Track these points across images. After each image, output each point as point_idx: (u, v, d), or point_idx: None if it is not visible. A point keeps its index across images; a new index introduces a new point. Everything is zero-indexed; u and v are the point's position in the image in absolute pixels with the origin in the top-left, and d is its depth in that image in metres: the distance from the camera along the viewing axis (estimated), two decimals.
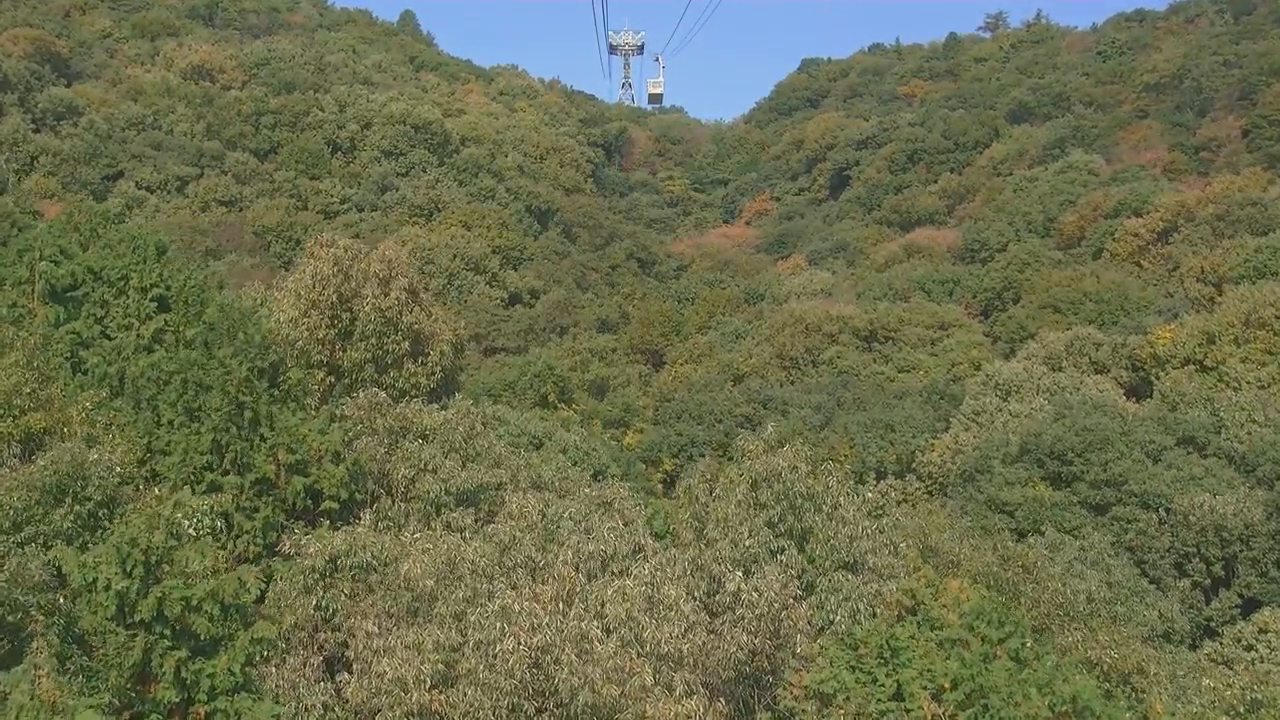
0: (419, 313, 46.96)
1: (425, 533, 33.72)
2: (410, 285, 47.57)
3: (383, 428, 36.69)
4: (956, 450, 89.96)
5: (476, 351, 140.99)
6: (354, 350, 45.70)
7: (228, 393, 34.04)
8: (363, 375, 45.66)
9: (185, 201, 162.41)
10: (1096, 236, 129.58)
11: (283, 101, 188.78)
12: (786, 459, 34.51)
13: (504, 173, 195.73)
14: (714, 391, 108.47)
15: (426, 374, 46.49)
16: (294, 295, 45.90)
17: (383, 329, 45.59)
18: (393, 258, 47.78)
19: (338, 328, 46.28)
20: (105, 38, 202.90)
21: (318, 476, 34.04)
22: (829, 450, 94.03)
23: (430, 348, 47.27)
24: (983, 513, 76.31)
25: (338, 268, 46.33)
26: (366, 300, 45.65)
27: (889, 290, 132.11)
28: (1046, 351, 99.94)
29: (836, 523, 33.39)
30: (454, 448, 36.92)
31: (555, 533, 33.27)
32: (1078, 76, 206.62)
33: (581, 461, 57.31)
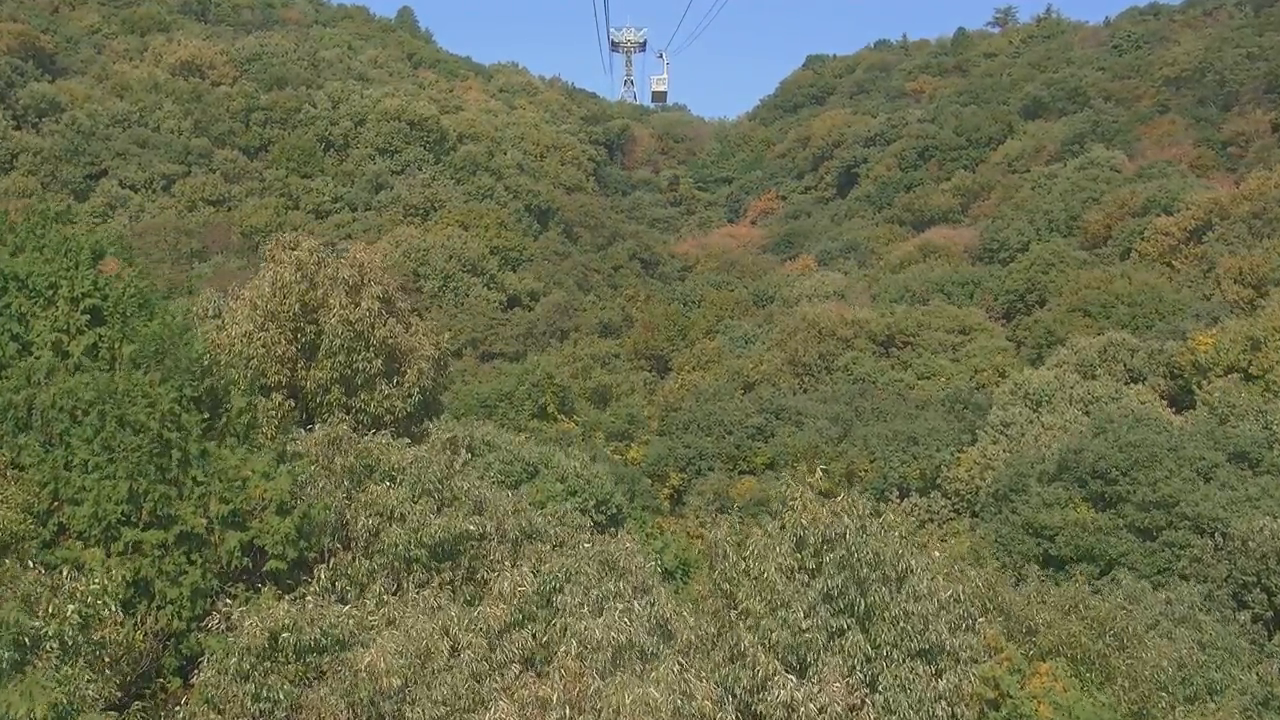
0: (394, 325, 40.73)
1: (393, 601, 27.62)
2: (385, 293, 41.38)
3: (341, 467, 30.50)
4: (985, 465, 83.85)
5: (473, 357, 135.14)
6: (319, 369, 39.53)
7: (149, 428, 27.92)
8: (329, 398, 39.50)
9: (171, 201, 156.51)
10: (1124, 236, 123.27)
11: (274, 98, 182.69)
12: (850, 514, 27.98)
13: (503, 171, 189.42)
14: (723, 401, 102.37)
15: (402, 396, 40.30)
16: (249, 305, 39.71)
17: (352, 344, 39.37)
18: (365, 261, 41.60)
19: (300, 343, 40.13)
20: (94, 33, 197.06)
21: (258, 530, 27.92)
22: (848, 465, 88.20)
23: (407, 365, 41.02)
24: (1020, 537, 70.24)
25: (301, 273, 40.19)
26: (333, 311, 39.44)
27: (906, 292, 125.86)
28: (1078, 358, 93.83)
29: (907, 596, 26.85)
30: (427, 490, 30.75)
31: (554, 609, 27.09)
32: (1092, 71, 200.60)
33: (582, 491, 51.27)
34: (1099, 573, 67.34)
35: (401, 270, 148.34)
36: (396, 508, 29.35)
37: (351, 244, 44.47)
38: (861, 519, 27.53)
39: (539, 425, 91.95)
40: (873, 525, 27.66)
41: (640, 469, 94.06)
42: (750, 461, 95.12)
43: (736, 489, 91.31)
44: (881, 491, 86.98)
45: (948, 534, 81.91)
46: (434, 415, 44.06)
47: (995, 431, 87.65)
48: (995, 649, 28.32)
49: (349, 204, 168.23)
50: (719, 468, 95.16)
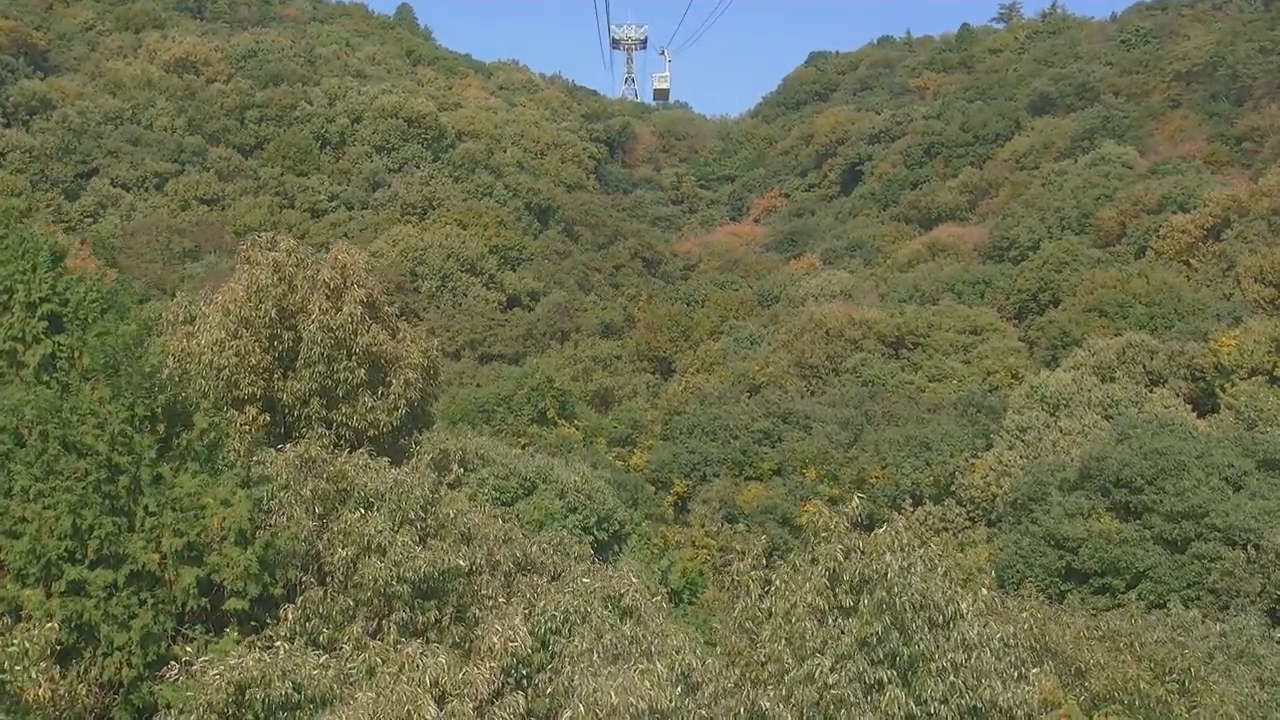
0: (378, 332, 37.57)
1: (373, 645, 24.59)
2: (369, 297, 38.16)
3: (313, 493, 27.41)
4: (1002, 472, 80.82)
5: (472, 358, 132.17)
6: (297, 380, 36.38)
7: (97, 452, 24.85)
8: (308, 411, 36.31)
9: (164, 200, 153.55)
10: (1139, 234, 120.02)
11: (269, 95, 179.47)
12: (894, 549, 24.56)
13: (502, 169, 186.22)
14: (728, 404, 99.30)
15: (388, 408, 37.06)
16: (221, 311, 36.57)
17: (332, 353, 36.22)
18: (347, 263, 38.38)
19: (277, 351, 36.97)
20: (88, 30, 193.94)
21: (216, 565, 24.82)
22: (859, 471, 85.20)
23: (393, 375, 37.86)
24: (1041, 549, 67.29)
25: (279, 275, 37.02)
26: (312, 317, 36.30)
27: (915, 292, 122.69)
28: (1096, 360, 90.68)
29: (957, 644, 23.37)
30: (409, 518, 27.66)
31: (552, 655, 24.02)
32: (1101, 66, 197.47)
33: (582, 507, 48.20)
34: (1125, 586, 64.42)
35: (399, 270, 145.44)
36: (376, 538, 26.23)
37: (334, 244, 40.87)
38: (905, 553, 24.17)
39: (539, 431, 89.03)
40: (917, 559, 24.19)
41: (643, 475, 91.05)
42: (757, 467, 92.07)
43: (743, 496, 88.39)
44: (893, 499, 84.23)
45: (963, 543, 79.02)
46: (423, 428, 40.97)
47: (1011, 436, 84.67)
48: (1052, 704, 25.22)
49: (345, 203, 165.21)
50: (724, 474, 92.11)
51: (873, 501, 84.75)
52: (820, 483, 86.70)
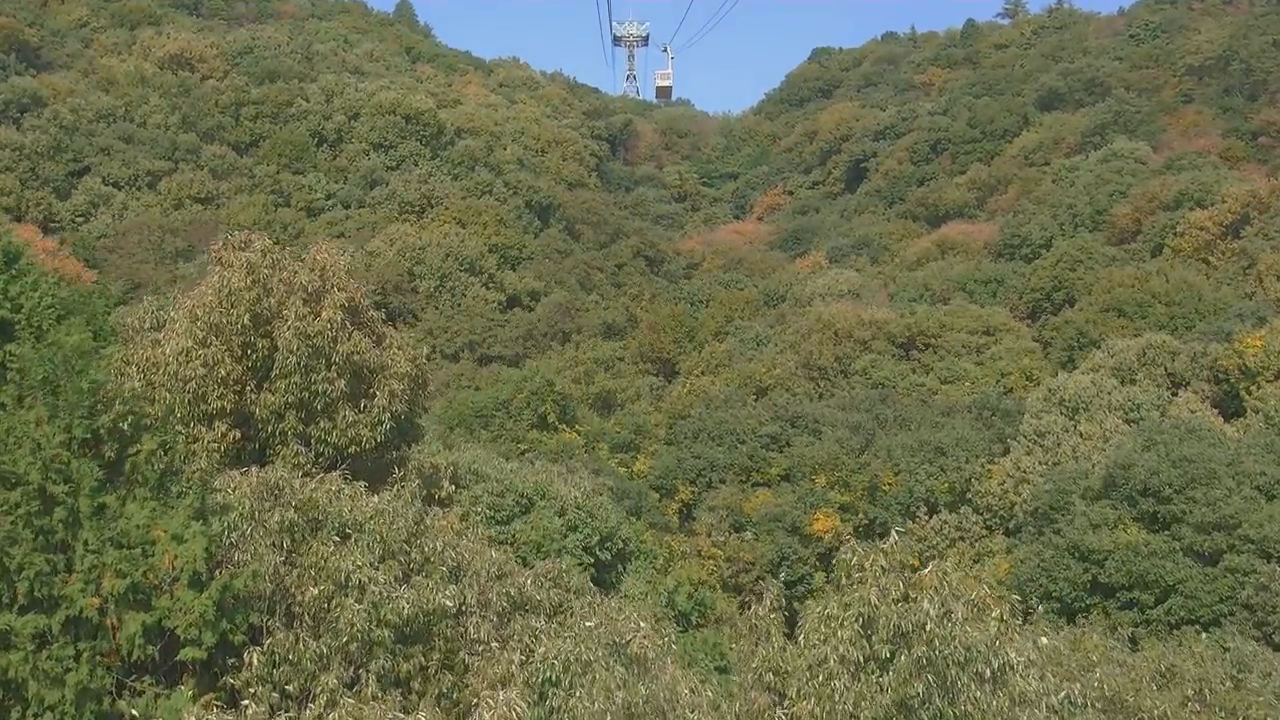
0: (360, 339, 34.49)
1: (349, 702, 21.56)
2: (351, 301, 35.11)
3: (280, 523, 24.35)
4: (1020, 479, 77.75)
5: (471, 360, 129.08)
6: (271, 392, 33.32)
7: (29, 481, 21.80)
8: (283, 427, 33.24)
9: (156, 198, 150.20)
10: (1155, 231, 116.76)
11: (265, 91, 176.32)
12: (933, 594, 21.34)
13: (502, 166, 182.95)
14: (734, 407, 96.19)
15: (370, 423, 33.92)
16: (189, 317, 33.51)
17: (310, 362, 33.16)
18: (327, 264, 35.37)
19: (251, 361, 33.92)
20: (82, 27, 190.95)
21: (167, 610, 21.77)
22: (871, 478, 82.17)
23: (377, 386, 34.77)
24: (1065, 562, 64.11)
25: (253, 278, 33.97)
26: (288, 323, 33.26)
27: (925, 291, 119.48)
28: (1116, 361, 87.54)
29: (1010, 701, 20.14)
30: (391, 552, 24.62)
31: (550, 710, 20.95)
32: (1110, 61, 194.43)
33: (583, 525, 45.09)
34: (1154, 601, 61.34)
35: (396, 269, 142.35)
36: (352, 575, 23.17)
37: (313, 244, 37.74)
38: (946, 600, 21.03)
39: (539, 436, 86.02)
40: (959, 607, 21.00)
41: (647, 482, 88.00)
42: (764, 473, 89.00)
43: (750, 503, 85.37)
44: (907, 507, 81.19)
45: (980, 553, 76.03)
46: (412, 442, 37.94)
47: (1029, 441, 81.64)
48: None
49: (342, 201, 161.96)
50: (731, 480, 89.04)
51: (885, 509, 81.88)
52: (831, 490, 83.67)
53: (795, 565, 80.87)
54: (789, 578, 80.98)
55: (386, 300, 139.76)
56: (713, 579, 79.74)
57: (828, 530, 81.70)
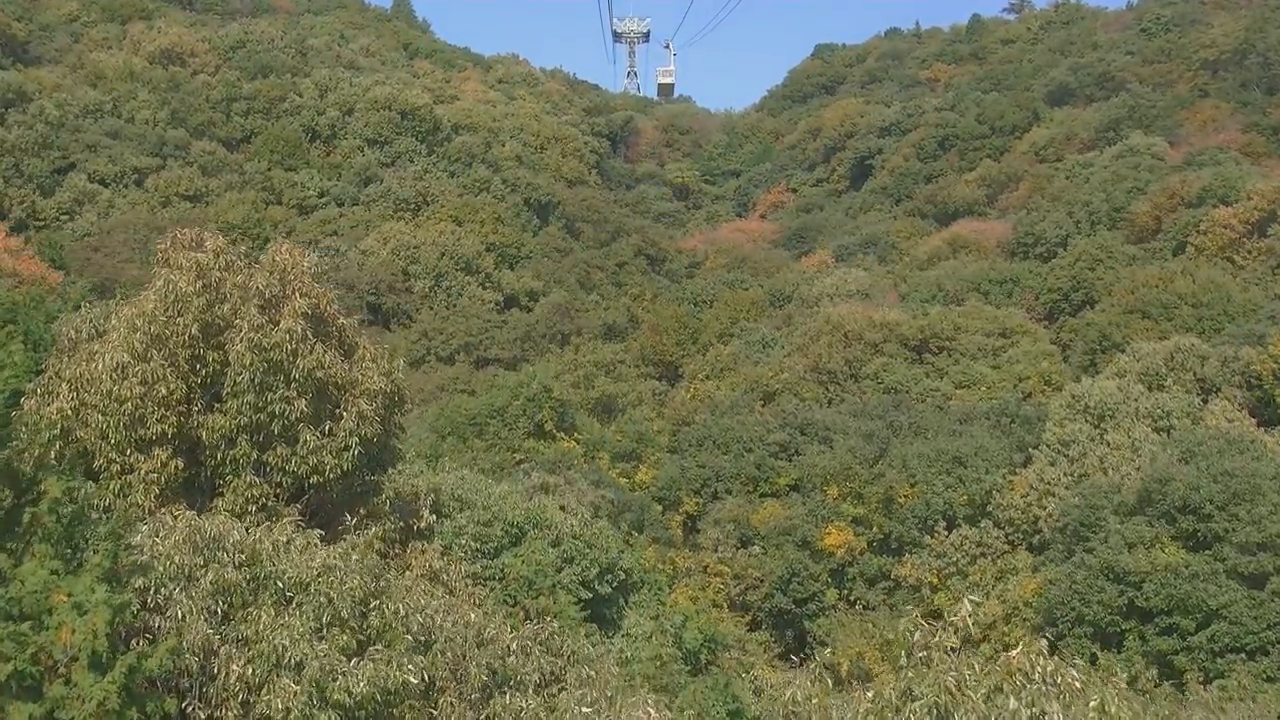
0: (324, 352, 30.16)
1: None
2: (315, 308, 30.84)
3: (214, 583, 20.10)
4: (1045, 491, 73.40)
5: (467, 362, 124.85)
6: (222, 414, 29.05)
7: None
8: (235, 454, 28.97)
9: (143, 196, 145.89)
10: (1178, 229, 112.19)
11: (257, 86, 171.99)
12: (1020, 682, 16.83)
13: (500, 163, 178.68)
14: (741, 414, 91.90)
15: (336, 449, 29.63)
16: (127, 327, 29.22)
17: (265, 379, 28.90)
18: (288, 266, 31.07)
19: (200, 377, 29.66)
20: (72, 21, 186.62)
21: (61, 699, 17.53)
22: (886, 489, 77.90)
23: (344, 405, 30.46)
24: (1098, 584, 59.80)
25: (203, 282, 29.73)
26: (240, 334, 29.00)
27: (938, 291, 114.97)
28: (1142, 366, 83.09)
29: None
30: (341, 618, 20.33)
31: None
32: (1121, 55, 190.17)
33: (580, 557, 40.73)
34: (1195, 627, 57.05)
35: (390, 269, 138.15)
36: (288, 652, 18.88)
37: (272, 243, 33.36)
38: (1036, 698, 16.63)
39: (535, 445, 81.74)
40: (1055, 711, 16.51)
41: (649, 493, 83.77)
42: (773, 483, 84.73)
43: (758, 515, 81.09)
44: (924, 520, 76.92)
45: (1003, 571, 71.75)
46: (386, 467, 33.64)
47: (1053, 451, 77.24)
48: None
49: (335, 198, 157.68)
50: (737, 490, 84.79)
51: (901, 523, 77.63)
52: (843, 502, 79.37)
53: (806, 582, 76.62)
54: (799, 595, 76.90)
55: (380, 300, 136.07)
56: (719, 597, 75.63)
57: (840, 545, 77.44)
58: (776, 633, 77.13)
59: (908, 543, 76.64)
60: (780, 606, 76.44)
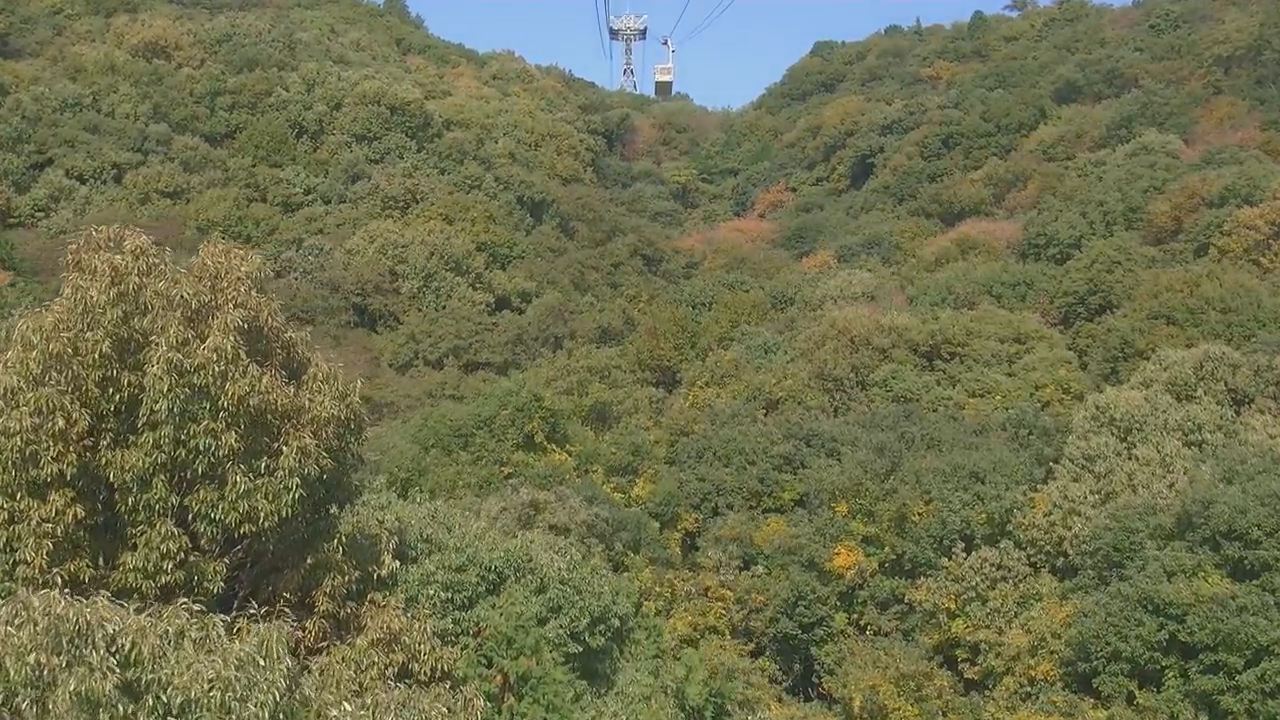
0: (261, 374, 25.23)
1: None
2: (253, 320, 25.94)
3: (75, 696, 15.19)
4: (1070, 510, 68.41)
5: (456, 366, 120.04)
6: (135, 449, 24.14)
7: None
8: (149, 498, 24.07)
9: (122, 192, 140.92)
10: (1199, 229, 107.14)
11: (243, 80, 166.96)
12: None
13: (493, 160, 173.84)
14: (743, 423, 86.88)
15: (273, 491, 24.72)
16: (21, 344, 24.28)
17: (187, 408, 23.98)
18: (221, 271, 26.18)
19: (111, 405, 24.77)
20: (55, 14, 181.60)
21: None
22: (899, 506, 73.03)
23: (285, 438, 25.51)
24: (1136, 615, 54.82)
25: (119, 290, 24.84)
26: (158, 354, 24.07)
27: (948, 294, 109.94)
28: (1169, 375, 78.12)
29: None
30: None
31: None
32: (1129, 52, 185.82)
33: (568, 605, 35.72)
34: (1244, 664, 52.14)
35: (376, 269, 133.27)
36: None
37: (204, 244, 28.32)
38: None
39: (525, 458, 76.75)
40: None
41: (646, 509, 78.80)
42: (777, 498, 79.80)
43: (761, 532, 76.12)
44: (940, 540, 72.03)
45: (1026, 596, 66.82)
46: (342, 504, 28.70)
47: (1076, 466, 72.24)
48: None
49: (322, 196, 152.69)
50: (739, 505, 79.83)
51: (915, 543, 72.73)
52: (853, 519, 74.41)
53: (813, 605, 71.61)
54: (806, 620, 71.97)
55: (366, 302, 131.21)
56: (720, 623, 70.66)
57: (850, 566, 72.40)
58: (782, 659, 72.15)
59: (922, 564, 71.63)
60: (786, 632, 71.43)
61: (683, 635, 68.34)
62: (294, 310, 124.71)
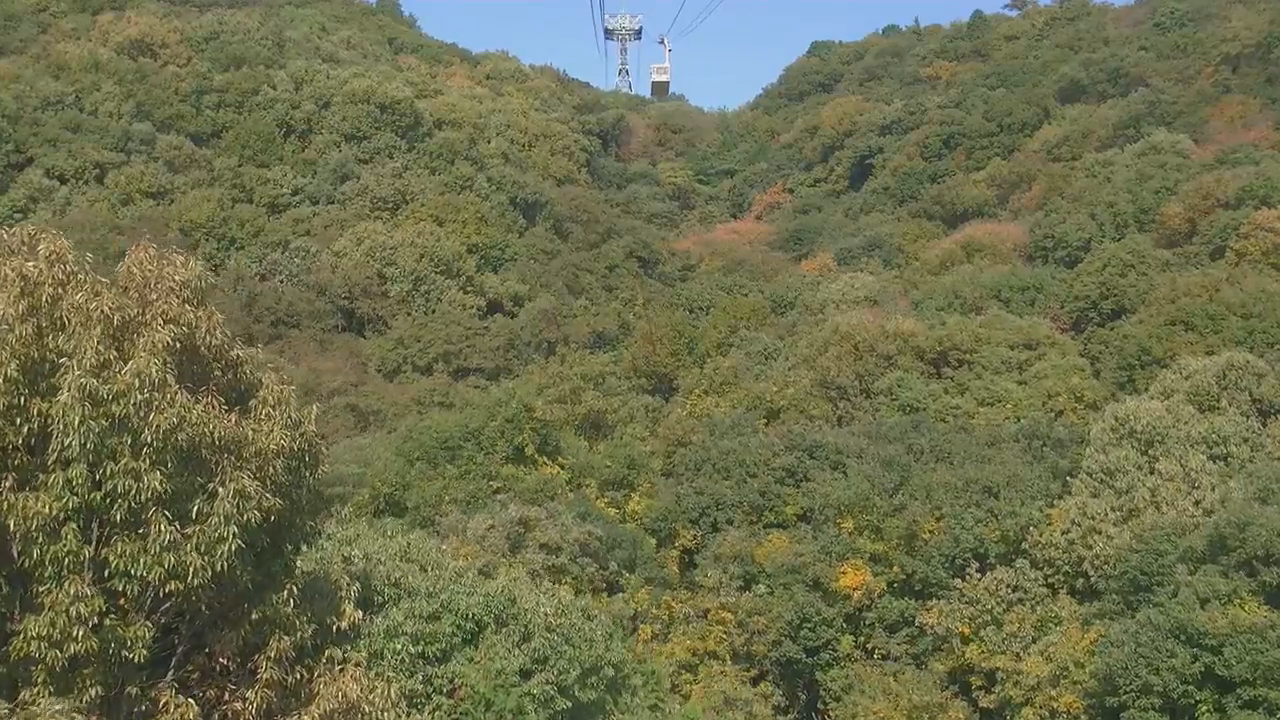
0: (192, 404, 21.49)
1: None
2: (186, 338, 22.23)
3: None
4: (1090, 527, 64.88)
5: (445, 373, 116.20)
6: (41, 494, 20.41)
7: None
8: (56, 550, 20.37)
9: (103, 193, 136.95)
10: (1214, 232, 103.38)
11: (229, 78, 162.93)
12: None
13: (485, 160, 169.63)
14: (743, 434, 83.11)
15: (206, 542, 21.00)
16: None
17: (105, 444, 20.26)
18: (146, 279, 22.48)
19: (18, 439, 21.04)
20: (41, 11, 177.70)
21: None
22: (909, 523, 69.42)
23: (221, 479, 21.75)
24: (1168, 646, 51.15)
25: (30, 303, 21.16)
26: (71, 377, 20.35)
27: (954, 298, 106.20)
28: (1191, 385, 74.59)
29: None
30: None
31: None
32: (1134, 51, 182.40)
33: (555, 655, 31.86)
34: None
35: (364, 271, 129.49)
36: None
37: (132, 246, 24.46)
38: None
39: (514, 472, 72.95)
40: None
41: (642, 525, 75.17)
42: (779, 513, 76.03)
43: (763, 549, 72.40)
44: (952, 559, 68.42)
45: (1044, 619, 63.17)
46: (297, 546, 25.00)
47: (1094, 480, 68.72)
48: None
49: (309, 197, 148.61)
50: (739, 520, 76.06)
51: (926, 562, 69.07)
52: (859, 536, 70.77)
53: (818, 628, 67.94)
54: (811, 643, 68.28)
55: (354, 306, 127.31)
56: (720, 648, 66.93)
57: (857, 586, 68.77)
58: (785, 685, 68.43)
59: (933, 584, 68.01)
60: (789, 655, 67.70)
61: (681, 661, 64.80)
62: (278, 315, 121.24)
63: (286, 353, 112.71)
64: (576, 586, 62.49)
